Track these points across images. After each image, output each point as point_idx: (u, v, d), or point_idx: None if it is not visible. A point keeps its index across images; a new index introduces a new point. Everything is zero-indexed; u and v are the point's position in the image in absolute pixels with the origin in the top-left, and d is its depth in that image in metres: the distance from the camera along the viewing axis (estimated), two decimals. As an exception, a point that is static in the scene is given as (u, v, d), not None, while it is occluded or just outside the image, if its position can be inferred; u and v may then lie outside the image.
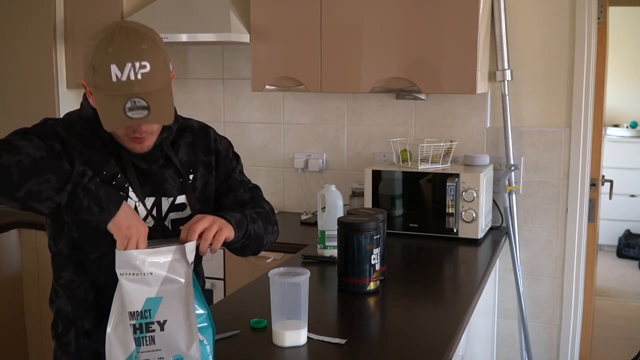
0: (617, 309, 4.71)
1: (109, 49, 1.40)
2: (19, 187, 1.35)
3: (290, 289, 1.60)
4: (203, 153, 1.69)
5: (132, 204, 1.54)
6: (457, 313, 1.91)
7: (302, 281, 1.60)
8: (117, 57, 1.39)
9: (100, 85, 1.42)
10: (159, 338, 1.35)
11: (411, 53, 2.75)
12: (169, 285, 1.36)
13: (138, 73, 1.40)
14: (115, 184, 1.53)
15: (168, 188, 1.60)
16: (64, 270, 1.64)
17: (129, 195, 1.55)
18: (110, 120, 1.42)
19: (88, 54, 1.44)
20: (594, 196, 3.04)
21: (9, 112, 3.46)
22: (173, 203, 1.61)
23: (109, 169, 1.53)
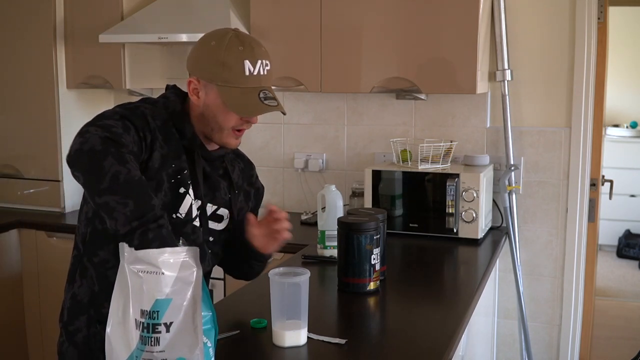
0: (617, 309, 4.71)
1: (239, 47, 1.57)
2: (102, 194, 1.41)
3: (290, 289, 1.60)
4: (247, 183, 1.85)
5: (188, 201, 1.63)
6: (457, 313, 1.91)
7: (302, 281, 1.60)
8: (249, 54, 1.57)
9: (232, 79, 1.56)
10: (163, 340, 1.34)
11: (411, 53, 2.75)
12: (178, 286, 1.35)
13: (265, 69, 1.59)
14: (179, 177, 1.61)
15: (217, 197, 1.72)
16: (103, 249, 1.64)
17: (189, 192, 1.63)
18: (248, 108, 1.57)
19: (214, 52, 1.57)
20: (594, 196, 3.04)
21: (9, 112, 3.46)
22: (215, 212, 1.72)
23: (178, 163, 1.61)
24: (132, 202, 1.40)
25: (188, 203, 1.63)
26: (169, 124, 1.63)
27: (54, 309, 3.26)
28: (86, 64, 3.34)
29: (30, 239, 3.28)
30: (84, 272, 1.68)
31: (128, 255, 1.36)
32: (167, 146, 1.60)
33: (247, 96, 1.57)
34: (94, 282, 1.66)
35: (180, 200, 1.62)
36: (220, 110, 1.60)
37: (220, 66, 1.56)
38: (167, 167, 1.59)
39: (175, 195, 1.61)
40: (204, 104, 1.61)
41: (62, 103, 3.37)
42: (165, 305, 1.34)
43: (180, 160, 1.62)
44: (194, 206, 1.64)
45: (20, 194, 3.47)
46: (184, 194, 1.62)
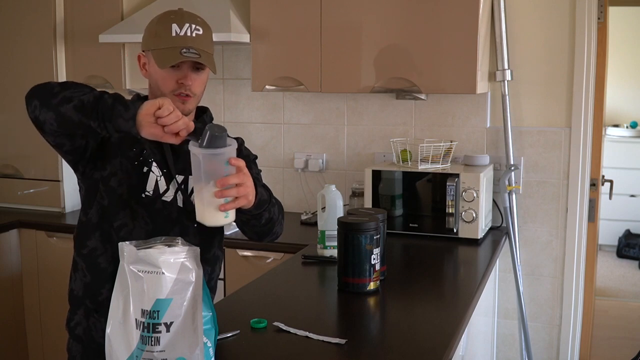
0: (617, 309, 4.71)
1: (171, 16, 1.68)
2: (56, 95, 1.54)
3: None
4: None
5: (153, 178, 1.71)
6: (457, 313, 1.91)
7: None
8: (177, 19, 1.67)
9: (161, 42, 1.65)
10: (164, 339, 1.34)
11: (411, 53, 2.75)
12: (179, 286, 1.35)
13: (193, 32, 1.67)
14: (141, 159, 1.71)
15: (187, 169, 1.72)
16: (90, 239, 1.74)
17: (152, 169, 1.71)
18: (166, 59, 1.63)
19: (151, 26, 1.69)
20: (594, 196, 3.04)
21: (9, 112, 3.46)
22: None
23: (137, 146, 1.71)
24: (87, 89, 1.55)
25: (153, 180, 1.72)
26: None
27: (54, 309, 3.28)
28: (86, 64, 3.34)
29: (30, 239, 3.28)
30: (75, 266, 1.78)
31: (128, 255, 1.36)
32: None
33: (170, 51, 1.63)
34: (85, 274, 1.74)
35: (146, 179, 1.71)
36: (159, 74, 1.67)
37: (154, 35, 1.67)
38: (125, 150, 1.70)
39: (140, 176, 1.71)
40: (149, 75, 1.72)
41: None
42: (165, 305, 1.34)
43: (140, 143, 1.70)
44: (159, 182, 1.72)
45: (20, 194, 3.47)
46: (147, 172, 1.71)
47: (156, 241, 1.42)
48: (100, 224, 1.72)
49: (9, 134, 3.49)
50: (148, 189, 1.71)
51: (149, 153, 1.71)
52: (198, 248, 1.40)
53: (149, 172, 1.71)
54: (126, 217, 1.70)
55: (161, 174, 1.72)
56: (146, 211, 1.72)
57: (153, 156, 1.72)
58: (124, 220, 1.70)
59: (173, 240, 1.42)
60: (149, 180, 1.71)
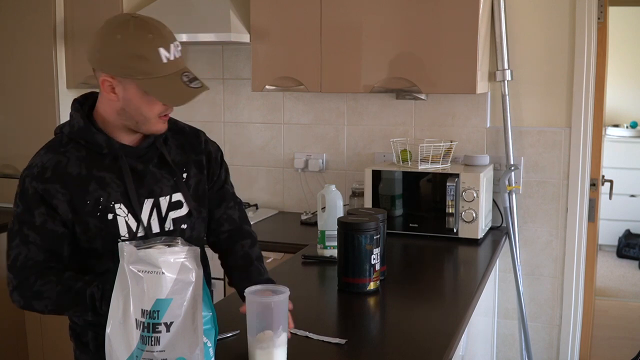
0: (617, 309, 4.70)
1: (148, 35, 1.50)
2: (58, 314, 1.66)
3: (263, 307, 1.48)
4: (194, 153, 1.75)
5: (122, 221, 1.59)
6: (457, 313, 1.91)
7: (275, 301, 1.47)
8: (161, 41, 1.51)
9: (151, 70, 1.49)
10: (164, 339, 1.34)
11: (411, 53, 2.75)
12: (179, 286, 1.35)
13: (178, 51, 1.54)
14: (101, 208, 1.57)
15: (163, 188, 1.65)
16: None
17: (117, 212, 1.58)
18: (178, 96, 1.52)
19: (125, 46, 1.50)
20: (594, 196, 3.04)
21: (9, 112, 3.46)
22: (170, 201, 1.66)
23: (90, 197, 1.57)
24: (77, 307, 1.56)
25: (123, 222, 1.59)
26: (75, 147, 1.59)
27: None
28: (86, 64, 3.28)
29: (30, 239, 3.27)
30: None
31: (128, 255, 1.36)
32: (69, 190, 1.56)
33: (172, 83, 1.52)
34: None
35: (116, 226, 1.59)
36: (144, 102, 1.53)
37: (136, 59, 1.49)
38: (81, 208, 1.56)
39: (107, 225, 1.58)
40: (123, 100, 1.54)
41: (62, 103, 3.37)
42: (165, 305, 1.34)
43: (89, 191, 1.57)
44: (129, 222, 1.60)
45: (20, 194, 3.46)
46: (114, 218, 1.58)
47: (156, 241, 1.42)
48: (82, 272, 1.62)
49: (9, 134, 3.48)
50: (122, 234, 1.59)
51: (106, 198, 1.58)
52: (198, 248, 1.40)
53: (115, 217, 1.58)
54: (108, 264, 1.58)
55: (127, 212, 1.59)
56: None
57: (113, 197, 1.58)
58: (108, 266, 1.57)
59: (173, 240, 1.42)
60: (119, 225, 1.59)
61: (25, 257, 1.55)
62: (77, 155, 1.59)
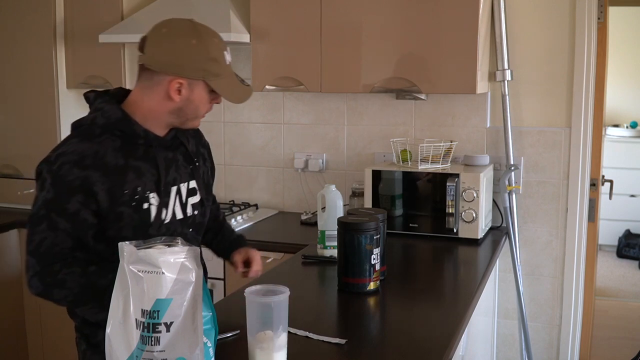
0: (617, 309, 4.70)
1: (215, 39, 1.65)
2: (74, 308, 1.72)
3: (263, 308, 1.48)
4: (201, 145, 1.90)
5: (154, 211, 1.65)
6: (457, 313, 1.91)
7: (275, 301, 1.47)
8: (223, 45, 1.67)
9: (221, 72, 1.64)
10: (164, 339, 1.34)
11: (411, 53, 2.75)
12: (179, 286, 1.35)
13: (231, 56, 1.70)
14: (137, 197, 1.62)
15: (182, 175, 1.75)
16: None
17: (150, 201, 1.64)
18: (240, 95, 1.69)
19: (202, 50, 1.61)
20: (594, 196, 3.04)
21: (9, 112, 3.46)
22: (188, 188, 1.76)
23: (128, 187, 1.61)
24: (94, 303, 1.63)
25: (154, 211, 1.65)
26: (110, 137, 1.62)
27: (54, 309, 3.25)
28: (86, 64, 3.34)
29: (30, 239, 3.28)
30: None
31: (128, 255, 1.36)
32: (108, 179, 1.58)
33: (233, 83, 1.67)
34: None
35: (148, 215, 1.64)
36: (204, 101, 1.65)
37: (210, 62, 1.61)
38: (118, 197, 1.59)
39: (141, 214, 1.63)
40: (186, 100, 1.62)
41: (62, 103, 3.37)
42: (165, 305, 1.34)
43: (127, 181, 1.61)
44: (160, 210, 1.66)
45: (20, 194, 3.46)
46: (148, 207, 1.64)
47: (156, 241, 1.42)
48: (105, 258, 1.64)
49: (9, 134, 3.49)
50: (151, 223, 1.65)
51: (143, 187, 1.63)
52: (198, 248, 1.40)
53: (149, 207, 1.64)
54: None
55: (158, 201, 1.66)
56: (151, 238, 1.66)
57: (148, 187, 1.64)
58: None
59: (173, 240, 1.42)
60: (151, 214, 1.65)
61: (51, 243, 1.55)
62: (113, 146, 1.61)
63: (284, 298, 1.48)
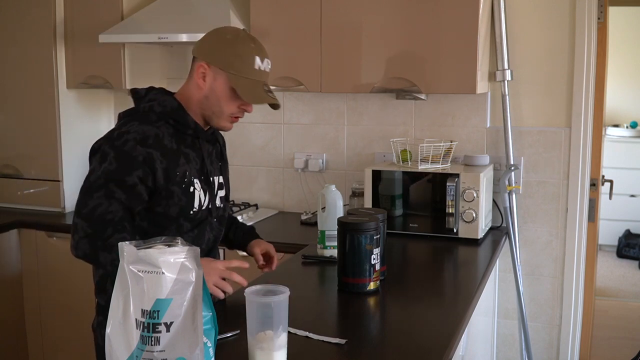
0: (617, 309, 4.71)
1: (251, 44, 1.78)
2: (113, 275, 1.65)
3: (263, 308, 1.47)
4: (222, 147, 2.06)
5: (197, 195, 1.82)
6: (457, 313, 1.91)
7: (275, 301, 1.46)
8: (259, 51, 1.79)
9: (244, 70, 1.76)
10: (164, 339, 1.34)
11: (411, 53, 2.75)
12: (179, 286, 1.35)
13: (268, 67, 1.82)
14: (186, 180, 1.79)
15: (215, 169, 1.92)
16: None
17: (195, 186, 1.82)
18: (256, 97, 1.79)
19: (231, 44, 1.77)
20: (594, 196, 3.04)
21: (9, 112, 3.46)
22: (219, 181, 1.93)
23: (180, 169, 1.78)
24: None
25: (197, 197, 1.82)
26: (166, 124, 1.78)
27: (54, 309, 3.28)
28: (86, 64, 3.34)
29: (30, 239, 3.28)
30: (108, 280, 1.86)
31: (128, 255, 1.36)
32: (166, 159, 1.75)
33: (255, 86, 1.78)
34: None
35: (193, 198, 1.81)
36: (225, 96, 1.78)
37: (235, 57, 1.75)
38: (172, 177, 1.76)
39: (188, 197, 1.80)
40: (210, 88, 1.78)
41: (62, 103, 3.37)
42: (165, 305, 1.34)
43: (179, 164, 1.78)
44: (201, 196, 1.83)
45: (20, 194, 3.47)
46: (194, 191, 1.81)
47: (156, 241, 1.42)
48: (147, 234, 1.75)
49: (9, 134, 3.49)
50: (195, 206, 1.83)
51: (190, 172, 1.80)
52: (198, 248, 1.40)
53: (194, 191, 1.81)
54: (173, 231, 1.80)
55: (200, 187, 1.83)
56: (190, 223, 1.84)
57: (193, 173, 1.81)
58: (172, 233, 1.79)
59: (173, 240, 1.42)
60: (195, 198, 1.82)
61: (105, 210, 1.67)
62: (168, 132, 1.78)
63: (284, 298, 1.48)
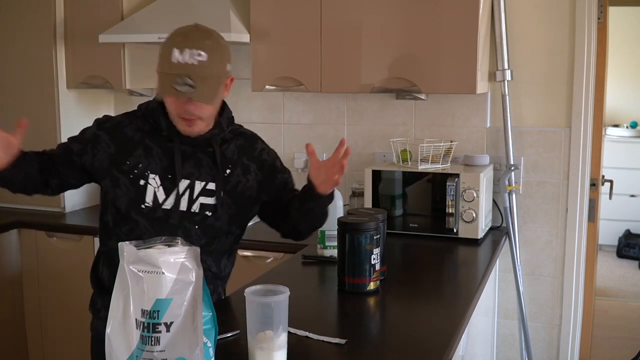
0: (617, 309, 4.71)
1: (177, 38, 1.71)
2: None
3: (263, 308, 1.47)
4: (247, 157, 1.91)
5: (151, 190, 1.80)
6: (457, 313, 1.91)
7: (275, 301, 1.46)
8: (180, 43, 1.68)
9: (163, 66, 1.70)
10: (164, 339, 1.34)
11: (411, 53, 2.75)
12: (179, 286, 1.35)
13: (195, 58, 1.66)
14: (136, 172, 1.79)
15: (202, 173, 1.83)
16: (110, 239, 1.87)
17: (149, 181, 1.80)
18: (163, 90, 1.70)
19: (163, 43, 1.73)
20: (594, 196, 3.04)
21: (9, 111, 3.46)
22: (204, 187, 1.83)
23: (132, 160, 1.80)
24: None
25: (152, 192, 1.80)
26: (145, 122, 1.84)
27: (54, 309, 3.28)
28: (86, 64, 3.34)
29: (30, 239, 3.28)
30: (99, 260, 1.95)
31: (128, 255, 1.36)
32: (114, 145, 1.82)
33: (167, 80, 1.67)
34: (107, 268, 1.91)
35: (144, 192, 1.80)
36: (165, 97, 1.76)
37: (160, 55, 1.71)
38: (120, 163, 1.80)
39: (137, 188, 1.80)
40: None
41: (62, 103, 3.37)
42: (165, 305, 1.34)
43: (133, 154, 1.80)
44: (157, 193, 1.80)
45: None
46: (145, 185, 1.79)
47: (156, 241, 1.42)
48: (114, 228, 1.86)
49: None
50: (147, 200, 1.80)
51: (145, 166, 1.80)
52: (198, 248, 1.40)
53: (146, 184, 1.80)
54: (132, 224, 1.82)
55: (159, 184, 1.80)
56: (146, 220, 1.81)
57: (151, 168, 1.80)
58: (132, 226, 1.83)
59: (173, 240, 1.42)
60: (147, 192, 1.80)
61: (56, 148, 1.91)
62: (139, 126, 1.83)
63: (284, 298, 1.48)
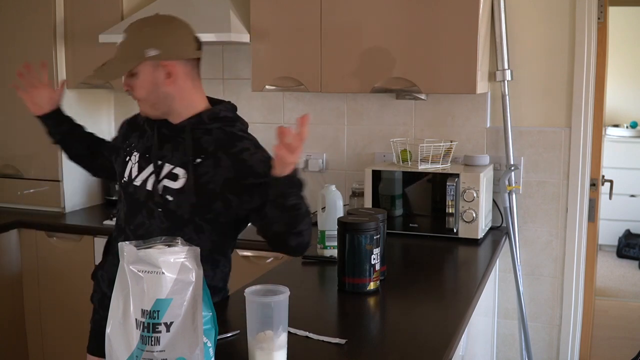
0: (617, 309, 4.71)
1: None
2: None
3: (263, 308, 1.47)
4: (223, 151, 1.84)
5: (129, 165, 1.93)
6: (457, 313, 1.91)
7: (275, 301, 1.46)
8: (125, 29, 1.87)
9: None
10: (164, 339, 1.34)
11: (411, 53, 2.75)
12: (179, 286, 1.35)
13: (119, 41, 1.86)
14: (127, 149, 1.97)
15: (174, 157, 1.84)
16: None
17: (131, 158, 1.94)
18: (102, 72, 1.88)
19: None
20: (594, 196, 3.04)
21: (9, 112, 3.46)
22: (171, 171, 1.84)
23: (129, 140, 1.99)
24: None
25: (129, 167, 1.93)
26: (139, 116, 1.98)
27: (54, 309, 3.28)
28: (86, 64, 3.33)
29: (30, 239, 3.28)
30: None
31: (128, 255, 1.36)
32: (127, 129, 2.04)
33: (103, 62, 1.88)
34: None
35: (125, 167, 1.95)
36: None
37: None
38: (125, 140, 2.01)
39: (123, 164, 1.96)
40: None
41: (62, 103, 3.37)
42: (165, 305, 1.34)
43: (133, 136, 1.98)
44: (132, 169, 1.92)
45: (20, 194, 3.46)
46: (128, 160, 1.95)
47: (156, 241, 1.42)
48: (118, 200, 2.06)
49: (9, 134, 3.49)
50: (125, 176, 1.94)
51: (133, 145, 1.96)
52: (198, 248, 1.40)
53: (129, 160, 1.95)
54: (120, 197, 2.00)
55: (136, 161, 1.92)
56: (124, 193, 1.95)
57: (136, 147, 1.94)
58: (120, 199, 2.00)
59: (173, 240, 1.42)
60: (127, 167, 1.94)
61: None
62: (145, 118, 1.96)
63: (284, 298, 1.48)
